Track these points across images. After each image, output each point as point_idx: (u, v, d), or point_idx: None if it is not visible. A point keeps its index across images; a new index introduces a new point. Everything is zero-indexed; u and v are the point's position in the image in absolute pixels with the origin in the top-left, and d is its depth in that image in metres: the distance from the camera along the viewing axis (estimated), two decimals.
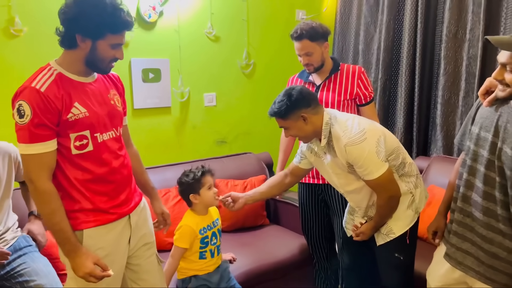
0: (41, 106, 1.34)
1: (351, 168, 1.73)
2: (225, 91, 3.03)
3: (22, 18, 2.17)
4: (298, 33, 2.10)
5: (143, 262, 1.69)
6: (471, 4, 2.64)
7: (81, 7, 1.36)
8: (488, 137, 1.41)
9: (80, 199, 1.47)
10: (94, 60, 1.43)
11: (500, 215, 1.40)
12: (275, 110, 1.74)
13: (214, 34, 2.88)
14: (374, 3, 3.21)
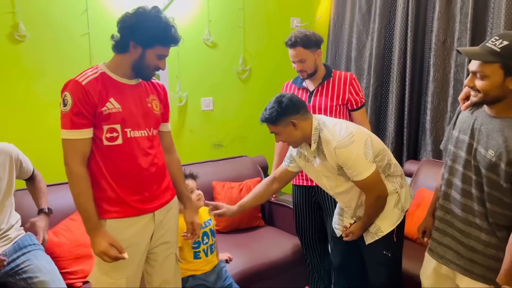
0: (80, 97, 1.50)
1: (340, 170, 1.80)
2: (221, 96, 3.11)
3: (26, 24, 2.25)
4: (293, 40, 2.18)
5: (161, 259, 1.77)
6: (458, 14, 2.75)
7: (139, 19, 1.54)
8: (465, 139, 1.52)
9: (106, 188, 1.59)
10: (141, 66, 1.59)
11: (476, 210, 1.50)
12: (266, 117, 1.81)
13: (211, 41, 2.97)
14: (366, 12, 3.31)
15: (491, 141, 1.43)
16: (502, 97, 1.40)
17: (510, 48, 1.34)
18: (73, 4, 2.40)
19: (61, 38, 2.38)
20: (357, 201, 1.89)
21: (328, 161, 1.80)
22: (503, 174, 1.39)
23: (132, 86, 1.64)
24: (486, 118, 1.48)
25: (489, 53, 1.37)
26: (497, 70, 1.37)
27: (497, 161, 1.40)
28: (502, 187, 1.41)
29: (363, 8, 3.32)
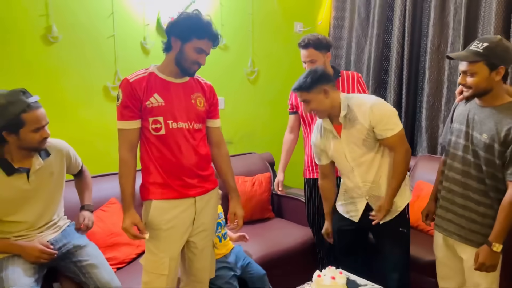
0: (128, 93, 1.71)
1: (369, 134, 1.97)
2: (232, 96, 3.28)
3: (58, 26, 2.38)
4: (306, 42, 2.36)
5: (200, 243, 1.91)
6: (451, 21, 3.01)
7: (179, 17, 1.73)
8: (462, 128, 1.79)
9: (154, 172, 1.78)
10: (181, 59, 1.74)
11: (475, 188, 1.76)
12: (301, 84, 1.96)
13: (224, 44, 3.14)
14: (365, 18, 3.55)
15: (484, 126, 1.69)
16: (490, 89, 1.68)
17: (490, 48, 1.62)
18: (100, 7, 2.54)
19: (89, 40, 2.52)
20: (375, 175, 2.03)
21: (359, 124, 1.96)
22: (497, 153, 1.65)
23: (177, 83, 1.80)
24: (478, 109, 1.75)
25: (474, 54, 1.65)
26: (483, 67, 1.64)
27: (491, 143, 1.66)
28: (495, 164, 1.68)
29: (362, 15, 3.54)
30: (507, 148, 1.62)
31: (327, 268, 1.94)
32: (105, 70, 2.58)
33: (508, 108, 1.66)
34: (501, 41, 1.65)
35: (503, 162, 1.66)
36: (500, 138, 1.63)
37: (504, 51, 1.64)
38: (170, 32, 1.75)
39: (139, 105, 1.72)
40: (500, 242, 1.67)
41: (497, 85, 1.67)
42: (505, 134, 1.62)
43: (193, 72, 1.81)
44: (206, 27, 1.72)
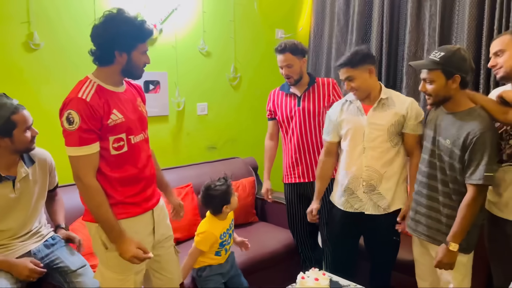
0: (88, 114, 1.56)
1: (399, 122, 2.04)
2: (215, 101, 3.32)
3: (40, 33, 2.38)
4: (282, 46, 2.43)
5: (164, 253, 1.92)
6: (427, 28, 3.11)
7: (115, 28, 1.59)
8: (431, 133, 1.89)
9: (115, 194, 1.68)
10: (131, 69, 1.68)
11: (440, 190, 1.85)
12: (350, 59, 2.02)
13: (206, 50, 3.18)
14: (344, 25, 3.63)
15: (448, 132, 1.79)
16: (449, 96, 1.78)
17: (446, 57, 1.73)
18: (82, 15, 2.54)
19: (71, 47, 2.51)
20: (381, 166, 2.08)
21: (394, 110, 2.04)
22: (457, 157, 1.75)
23: (123, 93, 1.72)
24: (444, 115, 1.85)
25: (432, 63, 1.75)
26: (440, 75, 1.74)
27: (452, 148, 1.76)
28: (456, 168, 1.77)
29: (341, 22, 3.62)
30: (465, 153, 1.71)
31: (310, 270, 1.99)
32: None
33: (468, 114, 1.75)
34: (459, 50, 1.74)
35: (462, 166, 1.74)
36: (459, 143, 1.72)
37: (461, 60, 1.73)
38: (112, 47, 1.61)
39: (99, 125, 1.60)
40: (457, 242, 1.75)
41: (456, 92, 1.76)
42: (463, 139, 1.71)
43: (142, 75, 1.76)
44: (145, 28, 1.65)
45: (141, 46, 1.66)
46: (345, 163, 2.20)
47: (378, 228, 2.18)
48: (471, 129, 1.70)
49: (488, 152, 1.67)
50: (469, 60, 1.77)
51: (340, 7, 3.61)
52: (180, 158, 3.11)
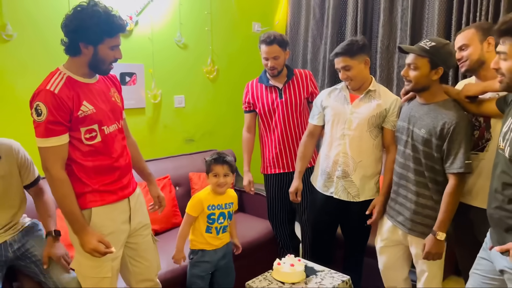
0: (55, 106, 1.57)
1: (380, 115, 2.09)
2: (192, 94, 3.33)
3: (12, 24, 2.34)
4: (271, 38, 2.44)
5: (141, 241, 1.95)
6: (399, 22, 3.20)
7: (80, 20, 1.58)
8: (405, 125, 1.94)
9: (90, 182, 1.71)
10: (97, 63, 1.67)
11: (413, 180, 1.91)
12: (347, 48, 2.03)
13: (183, 42, 3.18)
14: (320, 19, 3.69)
15: (422, 122, 1.85)
16: (427, 86, 1.84)
17: (436, 48, 1.79)
18: (56, 5, 2.51)
19: (44, 39, 2.48)
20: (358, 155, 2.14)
21: (379, 102, 2.09)
22: (434, 146, 1.81)
23: (94, 84, 1.73)
24: (418, 106, 1.91)
25: (422, 50, 1.80)
26: (426, 63, 1.80)
27: (428, 137, 1.82)
28: (434, 157, 1.83)
29: (317, 15, 3.69)
30: (443, 142, 1.78)
31: (286, 256, 2.05)
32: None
33: (443, 105, 1.82)
34: (447, 45, 1.81)
35: (441, 155, 1.81)
36: (436, 132, 1.79)
37: (448, 54, 1.80)
38: (77, 38, 1.61)
39: (68, 117, 1.61)
40: (443, 231, 1.81)
41: (434, 83, 1.83)
42: (440, 128, 1.77)
43: (109, 71, 1.76)
44: (114, 23, 1.64)
45: (108, 41, 1.64)
46: (325, 147, 2.27)
47: (350, 214, 2.26)
48: (448, 118, 1.76)
49: (465, 140, 1.74)
50: (454, 56, 1.84)
51: (316, 1, 3.68)
52: (158, 150, 3.12)
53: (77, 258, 1.80)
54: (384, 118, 2.12)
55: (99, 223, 1.73)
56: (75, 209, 1.66)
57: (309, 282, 1.94)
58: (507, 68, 1.40)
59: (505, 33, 1.38)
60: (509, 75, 1.40)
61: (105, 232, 1.74)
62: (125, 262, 1.94)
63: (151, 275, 2.02)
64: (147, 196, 2.17)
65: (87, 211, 1.72)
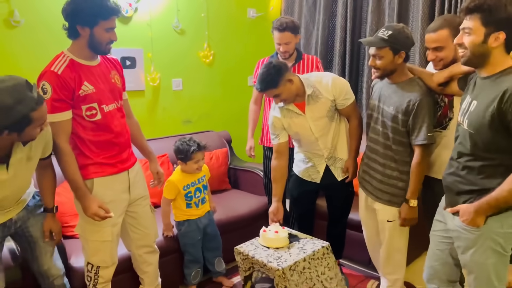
0: (59, 85, 1.76)
1: (332, 106, 2.24)
2: (190, 77, 3.49)
3: (20, 10, 2.51)
4: (284, 26, 2.59)
5: (140, 210, 2.15)
6: (387, 8, 3.34)
7: (76, 4, 1.74)
8: (375, 103, 2.12)
9: (92, 155, 1.91)
10: (95, 44, 1.82)
11: (382, 153, 2.10)
12: (267, 83, 2.11)
13: (180, 28, 3.34)
14: (312, 5, 3.82)
15: (391, 100, 2.03)
16: (394, 70, 2.01)
17: (393, 36, 1.93)
18: None
19: (49, 24, 2.64)
20: (332, 141, 2.32)
21: (323, 98, 2.22)
22: (401, 122, 1.98)
23: (96, 66, 1.89)
24: (387, 85, 2.08)
25: (381, 40, 1.95)
26: (388, 51, 1.95)
27: (396, 114, 1.99)
28: (400, 131, 2.01)
29: (310, 1, 3.82)
30: (408, 117, 1.95)
31: (272, 224, 2.25)
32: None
33: (408, 84, 1.99)
34: (403, 28, 1.97)
35: (406, 129, 1.99)
36: (402, 109, 1.97)
37: (406, 38, 1.96)
38: (74, 21, 1.76)
39: (71, 95, 1.78)
40: (415, 198, 2.01)
41: (399, 66, 2.00)
42: (406, 105, 1.95)
43: (108, 52, 1.90)
44: (108, 6, 1.75)
45: (103, 23, 1.77)
46: (303, 150, 2.43)
47: (333, 187, 2.45)
48: (412, 96, 1.94)
49: (428, 115, 1.92)
50: (411, 37, 2.00)
51: None
52: (157, 131, 3.30)
53: (80, 223, 2.01)
54: (335, 105, 2.28)
55: (100, 192, 1.93)
56: (78, 177, 1.86)
57: (292, 247, 2.14)
58: (470, 42, 1.52)
59: (472, 10, 1.50)
60: (471, 49, 1.53)
61: (106, 200, 1.94)
62: (126, 229, 2.15)
63: (150, 241, 2.23)
64: (147, 172, 2.37)
65: (90, 181, 1.92)
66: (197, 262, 2.56)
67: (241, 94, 3.76)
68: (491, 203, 1.51)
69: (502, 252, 1.57)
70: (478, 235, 1.57)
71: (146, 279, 2.28)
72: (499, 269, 1.59)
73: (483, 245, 1.57)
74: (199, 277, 2.60)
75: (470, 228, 1.58)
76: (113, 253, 2.05)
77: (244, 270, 2.16)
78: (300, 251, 2.09)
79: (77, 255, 2.22)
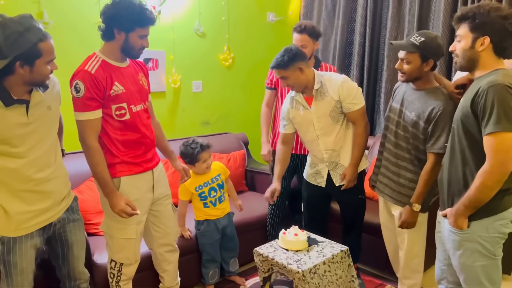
0: (92, 84, 1.82)
1: (336, 107, 2.27)
2: (209, 80, 3.54)
3: (49, 12, 2.58)
4: (302, 27, 2.59)
5: (163, 209, 2.20)
6: (407, 14, 3.35)
7: (117, 8, 1.84)
8: (397, 106, 2.14)
9: (119, 154, 1.96)
10: (128, 48, 1.90)
11: (404, 157, 2.12)
12: (278, 62, 2.19)
13: (201, 31, 3.39)
14: (331, 10, 3.85)
15: (413, 106, 2.05)
16: (420, 77, 2.03)
17: (425, 43, 1.96)
18: None
19: (77, 26, 2.73)
20: (336, 145, 2.35)
21: (329, 97, 2.25)
22: (421, 129, 2.01)
23: (125, 68, 1.96)
24: (411, 91, 2.10)
25: (412, 46, 1.97)
26: (417, 57, 1.97)
27: (417, 120, 2.01)
28: (419, 138, 2.03)
29: (329, 6, 3.84)
30: (429, 125, 1.97)
31: (291, 227, 2.28)
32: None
33: (433, 92, 2.01)
34: (436, 38, 1.98)
35: (425, 137, 2.01)
36: (424, 116, 1.98)
37: (436, 47, 1.97)
38: (112, 24, 1.84)
39: (102, 95, 1.84)
40: (419, 203, 2.04)
41: (426, 73, 2.01)
42: (428, 113, 1.97)
43: (139, 56, 1.98)
44: (146, 15, 1.85)
45: (139, 30, 1.86)
46: (307, 147, 2.48)
47: (338, 192, 2.46)
48: (436, 104, 1.95)
49: (448, 125, 1.93)
50: (442, 48, 2.02)
51: None
52: (176, 132, 3.36)
53: (106, 221, 2.06)
54: (340, 107, 2.29)
55: (126, 190, 1.98)
56: (106, 175, 1.90)
57: (311, 250, 2.16)
58: (460, 48, 1.64)
59: (461, 19, 1.62)
60: (461, 54, 1.64)
61: (132, 198, 1.98)
62: (148, 228, 2.19)
63: (171, 240, 2.27)
64: (168, 171, 2.41)
65: (117, 180, 1.97)
66: (214, 261, 2.60)
67: (259, 97, 3.74)
68: (466, 204, 1.59)
69: (490, 256, 1.62)
70: (464, 238, 1.64)
71: (166, 278, 2.32)
72: (490, 271, 1.65)
73: (469, 248, 1.63)
74: (216, 276, 2.64)
75: (455, 231, 1.65)
76: (136, 251, 2.10)
77: (264, 271, 2.18)
78: (319, 254, 2.11)
79: (100, 252, 2.27)
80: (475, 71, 1.65)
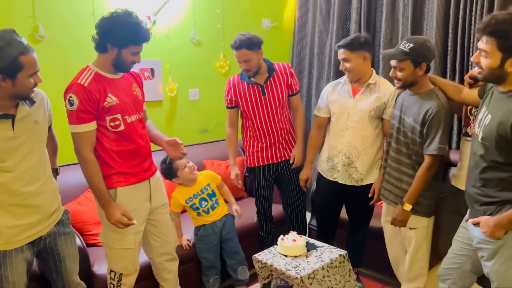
0: (85, 97, 1.83)
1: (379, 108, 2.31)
2: (206, 87, 3.56)
3: (44, 26, 2.61)
4: (238, 43, 2.44)
5: (161, 218, 2.21)
6: (401, 17, 3.36)
7: (112, 24, 1.85)
8: (398, 113, 2.15)
9: (115, 165, 1.97)
10: (119, 63, 1.93)
11: (405, 163, 2.12)
12: (348, 42, 2.26)
13: (197, 39, 3.42)
14: (326, 14, 3.87)
15: (410, 111, 2.06)
16: (415, 81, 2.04)
17: (415, 49, 1.97)
18: (83, 8, 2.78)
19: (72, 39, 2.75)
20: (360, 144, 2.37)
21: (378, 95, 2.30)
22: (418, 132, 2.02)
23: (119, 79, 1.97)
24: (408, 96, 2.12)
25: (402, 53, 1.99)
26: (409, 64, 1.99)
27: (414, 124, 2.03)
28: (418, 142, 2.04)
29: (323, 11, 3.86)
30: (424, 127, 1.98)
31: (289, 233, 2.28)
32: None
33: (428, 95, 2.02)
34: (425, 42, 1.99)
35: (422, 140, 2.02)
36: (419, 119, 2.00)
37: (427, 51, 1.98)
38: (105, 39, 1.84)
39: (96, 107, 1.86)
40: (410, 203, 2.06)
41: (420, 78, 2.03)
42: (423, 116, 1.98)
43: (129, 70, 2.01)
44: (141, 33, 1.86)
45: (132, 47, 1.88)
46: (331, 137, 2.50)
47: (354, 196, 2.49)
48: (429, 107, 1.96)
49: (442, 127, 1.95)
50: (433, 50, 2.03)
51: None
52: None
53: (104, 232, 2.06)
54: (383, 110, 2.33)
55: (123, 201, 1.99)
56: (102, 186, 1.92)
57: (310, 255, 2.16)
58: (486, 65, 1.57)
59: (489, 33, 1.52)
60: (487, 71, 1.58)
61: (129, 209, 1.99)
62: (147, 237, 2.20)
63: (170, 249, 2.28)
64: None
65: (113, 191, 1.98)
66: (214, 268, 2.60)
67: None
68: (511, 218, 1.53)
69: None
70: (499, 246, 1.59)
71: (167, 287, 2.32)
72: None
73: (503, 255, 1.59)
74: (217, 284, 2.64)
75: (490, 240, 1.60)
76: (135, 261, 2.11)
77: (263, 277, 2.19)
78: (318, 259, 2.11)
79: (100, 262, 2.28)
80: (500, 85, 1.60)
